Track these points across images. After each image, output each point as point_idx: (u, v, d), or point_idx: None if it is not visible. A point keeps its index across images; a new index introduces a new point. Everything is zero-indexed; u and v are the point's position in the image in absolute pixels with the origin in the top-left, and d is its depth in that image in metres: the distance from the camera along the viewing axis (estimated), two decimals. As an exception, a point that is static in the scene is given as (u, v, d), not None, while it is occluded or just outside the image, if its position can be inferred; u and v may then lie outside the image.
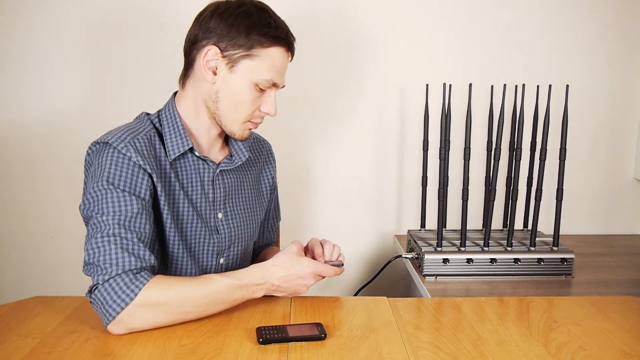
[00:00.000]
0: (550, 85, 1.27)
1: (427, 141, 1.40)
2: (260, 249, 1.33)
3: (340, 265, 1.05)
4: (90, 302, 0.91)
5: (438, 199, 1.33)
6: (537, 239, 1.33)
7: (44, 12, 1.48)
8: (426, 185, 1.43)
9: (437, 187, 1.32)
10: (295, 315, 0.99)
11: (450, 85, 1.33)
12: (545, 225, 1.55)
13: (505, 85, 1.29)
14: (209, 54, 1.00)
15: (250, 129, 1.09)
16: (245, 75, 1.01)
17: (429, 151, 1.41)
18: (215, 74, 1.02)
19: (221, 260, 1.13)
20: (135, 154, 0.98)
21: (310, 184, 1.62)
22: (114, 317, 0.87)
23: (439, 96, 1.48)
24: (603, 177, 1.67)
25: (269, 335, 0.88)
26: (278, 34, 1.02)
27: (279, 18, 1.05)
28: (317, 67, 1.56)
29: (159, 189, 1.01)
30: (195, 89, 1.05)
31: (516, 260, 1.27)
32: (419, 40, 1.56)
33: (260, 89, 1.04)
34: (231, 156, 1.13)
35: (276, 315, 0.99)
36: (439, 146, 1.32)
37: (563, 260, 1.28)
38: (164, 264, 1.07)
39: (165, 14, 1.51)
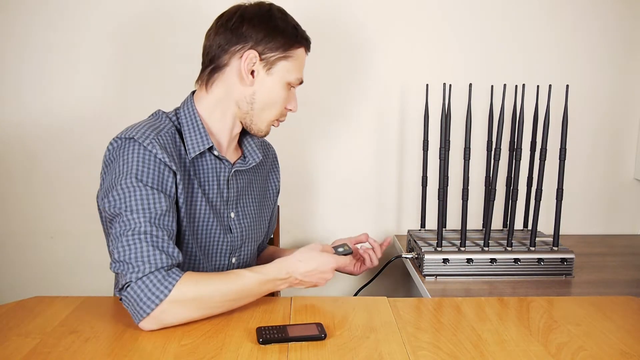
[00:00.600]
0: (550, 85, 1.27)
1: (427, 141, 1.40)
2: (261, 248, 1.34)
3: (350, 252, 1.12)
4: (121, 299, 0.92)
5: (438, 199, 1.33)
6: (537, 239, 1.33)
7: (44, 13, 1.48)
8: (426, 185, 1.43)
9: (437, 187, 1.33)
10: (295, 315, 0.99)
11: (450, 85, 1.33)
12: (545, 225, 1.54)
13: (505, 85, 1.29)
14: (249, 58, 1.04)
15: (271, 126, 1.14)
16: (281, 76, 1.07)
17: (429, 151, 1.41)
18: (253, 77, 1.05)
19: (233, 260, 1.15)
20: (161, 151, 0.98)
21: (310, 184, 1.62)
22: (147, 314, 0.89)
23: (439, 96, 1.48)
24: (603, 177, 1.67)
25: (269, 335, 0.89)
26: (304, 35, 1.10)
27: (296, 21, 1.11)
28: (316, 67, 1.56)
29: (180, 187, 1.02)
30: (226, 91, 1.07)
31: (516, 260, 1.27)
32: (419, 40, 1.56)
33: (289, 88, 1.09)
34: (244, 157, 1.15)
35: (276, 315, 0.99)
36: (439, 146, 1.32)
37: (563, 260, 1.28)
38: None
39: (168, 14, 1.51)
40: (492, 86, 1.38)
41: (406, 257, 1.38)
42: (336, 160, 1.62)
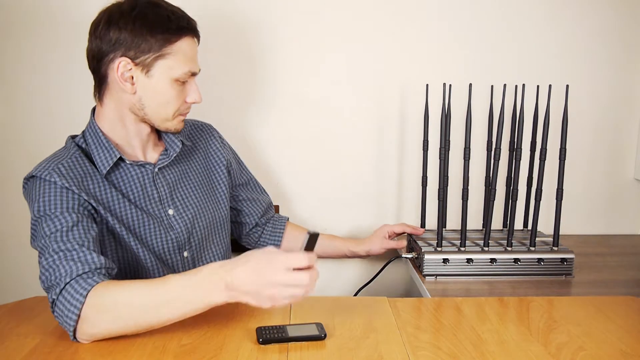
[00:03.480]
0: (550, 85, 1.27)
1: (427, 141, 1.40)
2: (269, 222, 1.37)
3: (314, 237, 0.85)
4: (57, 320, 0.89)
5: (438, 199, 1.33)
6: (537, 239, 1.33)
7: (44, 9, 1.48)
8: (426, 185, 1.43)
9: (437, 187, 1.33)
10: (295, 315, 0.99)
11: (450, 85, 1.33)
12: (545, 225, 1.54)
13: (505, 85, 1.29)
14: (121, 66, 1.00)
15: (183, 120, 1.10)
16: (163, 75, 1.02)
17: (429, 151, 1.41)
18: (133, 83, 1.02)
19: (185, 254, 1.14)
20: (59, 178, 0.98)
21: (310, 184, 1.62)
22: (74, 327, 0.86)
23: (439, 96, 1.48)
24: (603, 177, 1.67)
25: (269, 335, 0.89)
26: (180, 25, 1.02)
27: (174, 7, 1.04)
28: (315, 66, 1.56)
29: (94, 204, 1.01)
30: (116, 102, 1.05)
31: (516, 260, 1.27)
32: (419, 40, 1.56)
33: (182, 82, 1.04)
34: (166, 150, 1.14)
35: (276, 315, 0.99)
36: (439, 146, 1.32)
37: (563, 260, 1.28)
38: (134, 272, 1.08)
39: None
40: (492, 86, 1.38)
41: (406, 257, 1.38)
42: (336, 161, 1.62)
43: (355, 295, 1.41)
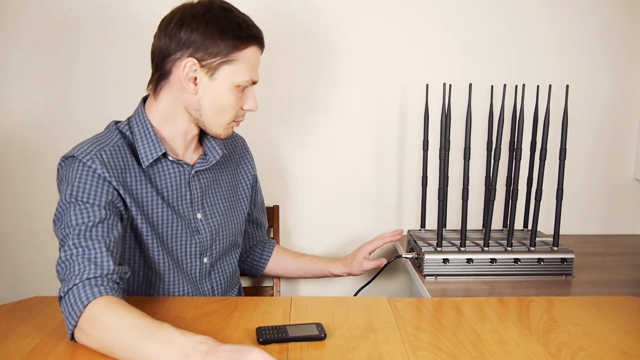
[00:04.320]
0: (550, 85, 1.27)
1: (427, 141, 1.40)
2: (261, 245, 1.37)
3: None
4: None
5: (438, 199, 1.33)
6: (537, 239, 1.33)
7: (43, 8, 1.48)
8: (426, 185, 1.43)
9: (437, 187, 1.33)
10: (295, 315, 0.99)
11: (450, 85, 1.33)
12: (545, 225, 1.54)
13: (505, 85, 1.29)
14: (187, 67, 1.00)
15: (233, 127, 1.10)
16: (226, 80, 1.03)
17: (429, 151, 1.41)
18: (196, 84, 1.02)
19: (205, 260, 1.14)
20: (101, 166, 0.98)
21: (310, 185, 1.62)
22: (72, 331, 0.86)
23: (439, 96, 1.48)
24: (603, 177, 1.67)
25: (269, 335, 0.89)
26: (250, 34, 1.03)
27: (245, 15, 1.05)
28: (316, 66, 1.56)
29: (127, 200, 1.01)
30: (173, 98, 1.05)
31: (516, 260, 1.27)
32: (418, 39, 1.56)
33: (241, 89, 1.05)
34: (205, 155, 1.14)
35: (276, 315, 0.99)
36: (439, 146, 1.32)
37: (563, 260, 1.28)
38: (150, 272, 1.08)
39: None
40: (492, 86, 1.38)
41: (406, 257, 1.38)
42: (336, 161, 1.62)
43: (355, 295, 1.41)
